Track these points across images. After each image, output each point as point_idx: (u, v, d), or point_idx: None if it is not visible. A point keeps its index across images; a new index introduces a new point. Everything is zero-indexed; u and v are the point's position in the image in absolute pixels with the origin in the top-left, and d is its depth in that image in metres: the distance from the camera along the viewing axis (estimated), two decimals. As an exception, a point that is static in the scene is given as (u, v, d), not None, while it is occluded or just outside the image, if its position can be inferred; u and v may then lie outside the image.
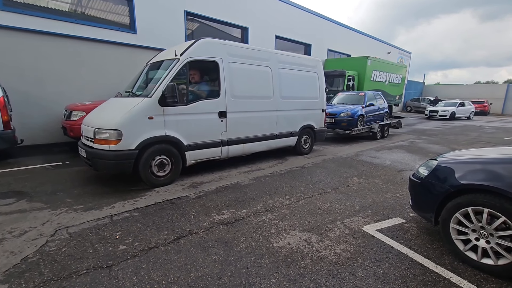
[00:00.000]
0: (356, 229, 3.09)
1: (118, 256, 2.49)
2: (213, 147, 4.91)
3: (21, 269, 2.28)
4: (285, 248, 2.68)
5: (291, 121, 6.39)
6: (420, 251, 2.66)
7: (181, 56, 4.51)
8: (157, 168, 4.34)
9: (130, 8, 9.11)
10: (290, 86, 6.24)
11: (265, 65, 5.71)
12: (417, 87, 32.12)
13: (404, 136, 10.75)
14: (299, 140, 6.72)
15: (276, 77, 5.91)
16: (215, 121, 4.89)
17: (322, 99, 7.15)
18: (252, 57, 5.49)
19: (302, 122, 6.70)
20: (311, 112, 6.91)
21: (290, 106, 6.28)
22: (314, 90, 6.95)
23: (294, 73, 6.38)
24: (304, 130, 6.81)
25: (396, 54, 24.66)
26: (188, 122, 4.55)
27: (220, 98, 4.93)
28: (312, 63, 6.96)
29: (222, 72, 4.93)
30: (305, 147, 7.00)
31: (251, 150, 5.64)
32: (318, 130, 7.20)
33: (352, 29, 19.35)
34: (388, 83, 16.06)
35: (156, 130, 4.21)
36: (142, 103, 4.14)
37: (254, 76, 5.53)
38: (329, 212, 3.54)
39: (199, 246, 2.68)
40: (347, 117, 8.89)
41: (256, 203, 3.77)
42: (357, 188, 4.52)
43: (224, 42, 5.08)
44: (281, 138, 6.21)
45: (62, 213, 3.36)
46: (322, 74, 7.19)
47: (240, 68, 5.23)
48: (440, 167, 2.70)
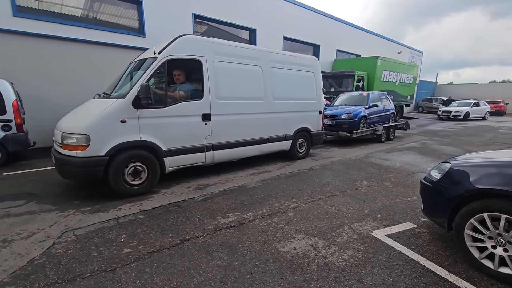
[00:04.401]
0: (364, 234, 2.99)
1: (122, 259, 2.48)
2: (196, 153, 4.58)
3: (27, 271, 2.29)
4: (291, 253, 2.61)
5: (284, 124, 6.04)
6: (433, 258, 2.55)
7: (159, 54, 4.20)
8: (131, 176, 3.99)
9: (139, 12, 9.23)
10: (283, 86, 5.90)
11: (255, 64, 5.38)
12: (429, 87, 31.40)
13: (416, 137, 10.48)
14: (293, 144, 6.33)
15: (267, 77, 5.58)
16: (198, 125, 4.56)
17: (319, 100, 6.78)
18: (241, 55, 5.14)
19: (297, 124, 6.32)
20: (307, 114, 6.52)
21: (283, 107, 5.93)
22: (311, 90, 6.58)
23: (289, 73, 6.03)
24: (300, 133, 6.42)
25: (407, 53, 24.18)
26: (167, 125, 4.23)
27: (204, 99, 4.60)
28: (308, 62, 6.56)
29: (206, 72, 4.60)
30: (301, 152, 6.60)
31: (240, 155, 5.32)
32: (315, 133, 6.79)
33: (362, 28, 19.08)
34: (398, 83, 15.74)
35: (130, 135, 3.89)
36: (113, 105, 3.84)
37: (243, 76, 5.20)
38: (337, 216, 3.45)
39: (203, 250, 2.64)
40: (348, 118, 8.53)
41: (262, 206, 3.72)
42: (366, 191, 4.40)
43: (209, 39, 4.76)
44: (274, 142, 5.86)
45: (70, 215, 3.39)
46: (319, 74, 6.79)
47: (226, 67, 4.90)
48: (454, 170, 2.58)
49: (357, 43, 18.49)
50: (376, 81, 13.80)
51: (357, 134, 8.50)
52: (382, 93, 10.54)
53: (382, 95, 10.33)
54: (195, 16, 10.46)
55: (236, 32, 12.35)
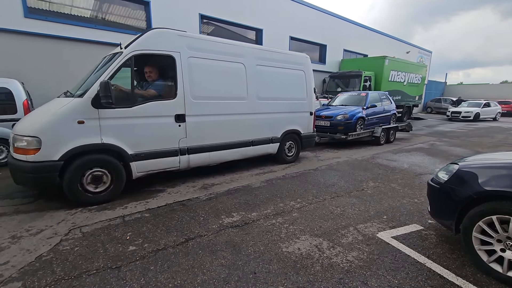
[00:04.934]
0: (370, 236, 2.96)
1: (128, 257, 2.50)
2: (167, 157, 4.23)
3: (35, 267, 2.34)
4: (295, 253, 2.60)
5: (271, 126, 5.64)
6: (439, 260, 2.50)
7: (125, 49, 3.87)
8: (91, 183, 3.66)
9: (147, 13, 9.33)
10: (270, 85, 5.52)
11: (238, 61, 4.99)
12: (438, 87, 30.90)
13: (424, 138, 10.33)
14: (281, 147, 5.92)
15: (252, 75, 5.19)
16: (170, 126, 4.20)
17: (310, 101, 6.33)
18: (220, 51, 4.76)
19: (285, 126, 5.91)
20: (296, 115, 6.11)
21: (269, 108, 5.54)
22: (301, 90, 6.16)
23: (276, 71, 5.63)
24: (288, 135, 6.02)
25: (416, 53, 23.86)
26: (134, 127, 3.87)
27: (177, 99, 4.23)
28: (298, 60, 6.14)
29: (179, 69, 4.23)
30: (290, 155, 6.19)
31: (220, 159, 4.95)
32: (306, 135, 6.36)
33: (369, 28, 18.90)
34: (407, 83, 15.53)
35: (89, 137, 3.54)
36: (69, 104, 3.48)
37: (223, 74, 4.80)
38: (342, 217, 3.42)
39: (207, 249, 2.65)
40: (344, 120, 8.05)
41: (266, 206, 3.71)
42: (372, 192, 4.36)
43: (183, 33, 4.35)
44: (259, 145, 5.46)
45: (77, 212, 3.44)
46: (310, 73, 6.36)
47: (204, 64, 4.52)
48: (462, 172, 2.53)
49: (365, 43, 18.32)
50: (383, 81, 13.64)
51: (353, 136, 8.06)
52: (382, 93, 10.11)
53: (382, 95, 9.88)
54: (201, 16, 10.52)
55: (242, 32, 12.38)
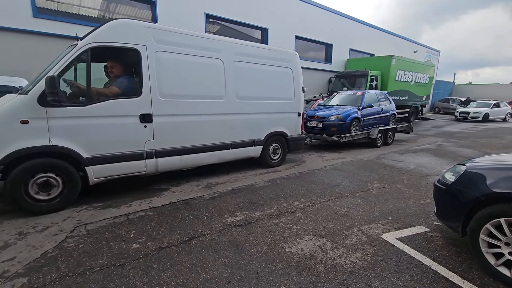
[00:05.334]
0: (374, 237, 2.92)
1: (131, 255, 2.52)
2: (131, 160, 3.85)
3: (40, 264, 2.37)
4: (298, 254, 2.59)
5: (252, 127, 5.23)
6: (445, 263, 2.46)
7: (80, 41, 3.55)
8: (39, 190, 3.31)
9: (153, 12, 9.39)
10: (251, 84, 5.11)
11: (214, 56, 4.58)
12: (446, 87, 30.44)
13: (431, 139, 10.18)
14: (265, 150, 5.52)
15: (230, 72, 4.78)
16: (134, 127, 3.82)
17: (298, 101, 5.91)
18: (194, 46, 4.35)
19: (270, 128, 5.50)
20: (282, 116, 5.70)
21: (251, 108, 5.13)
22: (287, 89, 5.73)
23: (259, 68, 5.21)
24: (273, 138, 5.61)
25: (424, 52, 23.53)
26: (90, 128, 3.51)
27: (142, 97, 3.86)
28: (285, 57, 5.72)
29: (145, 64, 3.86)
30: (275, 159, 5.78)
31: (194, 163, 4.57)
32: (293, 138, 5.93)
33: (376, 27, 18.70)
34: (414, 83, 15.33)
35: (35, 139, 3.18)
36: (11, 102, 3.14)
37: (197, 70, 4.39)
38: (346, 218, 3.39)
39: (210, 248, 2.65)
40: (337, 120, 7.64)
41: (270, 206, 3.70)
42: (377, 193, 4.31)
43: (150, 25, 4.00)
44: (239, 148, 5.06)
45: (82, 210, 3.48)
46: (298, 71, 5.93)
47: (174, 59, 4.15)
48: (469, 173, 2.48)
49: (371, 42, 18.14)
50: (390, 81, 13.48)
51: (347, 138, 7.68)
52: (381, 93, 9.68)
53: (380, 95, 9.47)
54: (207, 15, 10.54)
55: (248, 32, 12.37)
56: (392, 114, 9.58)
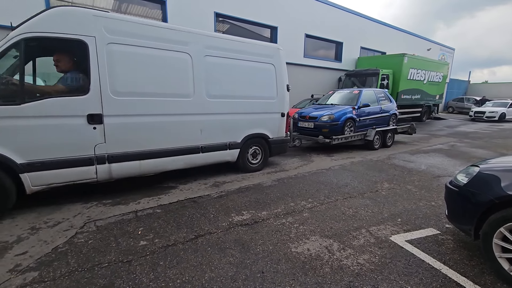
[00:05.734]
0: (382, 239, 2.87)
1: (138, 252, 2.56)
2: (78, 166, 3.47)
3: (51, 258, 2.43)
4: (304, 254, 2.57)
5: (227, 129, 4.77)
6: (456, 267, 2.39)
7: (13, 31, 3.18)
8: None
9: (163, 12, 9.48)
10: (226, 81, 4.66)
11: (180, 50, 4.14)
12: (461, 86, 29.61)
13: (444, 139, 9.93)
14: (243, 154, 5.07)
15: (200, 68, 4.32)
16: (80, 129, 3.43)
17: (281, 100, 5.40)
18: (155, 37, 3.91)
19: (248, 130, 5.03)
20: (263, 117, 5.21)
21: (225, 108, 4.68)
22: (269, 87, 5.23)
23: (235, 63, 4.74)
24: (252, 140, 5.15)
25: (437, 50, 22.95)
26: (24, 129, 3.14)
27: (90, 95, 3.45)
28: (267, 52, 5.17)
29: (94, 57, 3.44)
30: (254, 163, 5.32)
31: (157, 168, 4.17)
32: (276, 140, 5.44)
33: (387, 25, 18.34)
34: (427, 81, 14.98)
35: None
36: None
37: (158, 66, 3.97)
38: (354, 219, 3.34)
39: (216, 247, 2.66)
40: (329, 121, 7.13)
41: (277, 205, 3.68)
42: (386, 193, 4.23)
43: (101, 13, 3.55)
44: (211, 152, 4.62)
45: (92, 206, 3.55)
46: (282, 67, 5.40)
47: (131, 52, 3.73)
48: (483, 175, 2.40)
49: (383, 40, 17.81)
50: (402, 80, 13.21)
51: (339, 140, 7.13)
52: (380, 91, 9.10)
53: (380, 94, 8.87)
54: (217, 14, 10.56)
55: (257, 30, 12.34)
56: (393, 114, 8.99)
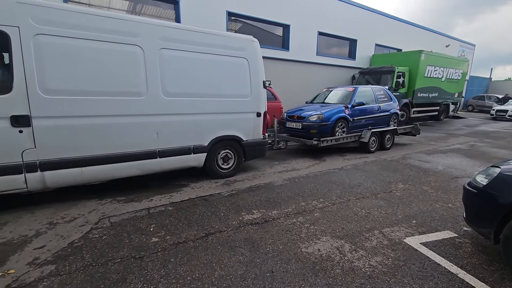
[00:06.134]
0: (396, 240, 2.80)
1: (150, 248, 2.60)
2: (2, 175, 3.09)
3: (67, 253, 2.52)
4: (314, 254, 2.54)
5: (190, 131, 4.29)
6: (474, 272, 2.30)
7: None
8: None
9: (176, 12, 9.59)
10: (187, 77, 4.17)
11: (128, 42, 3.68)
12: (482, 84, 28.43)
13: (463, 139, 9.57)
14: (211, 158, 4.57)
15: (154, 62, 3.85)
16: (2, 132, 3.05)
17: (256, 98, 4.85)
18: (96, 28, 3.44)
19: (216, 131, 4.53)
20: (234, 117, 4.70)
21: (187, 108, 4.19)
22: (241, 84, 4.71)
23: (199, 57, 4.23)
24: (222, 143, 4.66)
25: (457, 47, 22.12)
26: None
27: (14, 93, 3.06)
28: (238, 44, 4.64)
29: (17, 50, 3.05)
30: (225, 168, 4.82)
31: (103, 175, 3.74)
32: (251, 143, 4.91)
33: (404, 21, 17.83)
34: (445, 79, 14.47)
35: None
36: None
37: (100, 60, 3.50)
38: (367, 219, 3.27)
39: (226, 245, 2.67)
40: (318, 121, 6.54)
41: (287, 205, 3.66)
42: (401, 194, 4.12)
43: (26, 0, 3.09)
44: (171, 157, 4.14)
45: (107, 203, 3.65)
46: (257, 61, 4.84)
47: (63, 44, 3.28)
48: (504, 176, 2.30)
49: (398, 37, 17.33)
50: (418, 77, 12.83)
51: (329, 142, 6.44)
52: (380, 89, 8.45)
53: (379, 91, 8.21)
54: (229, 13, 10.59)
55: (270, 29, 12.29)
56: (394, 114, 8.32)
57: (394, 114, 8.34)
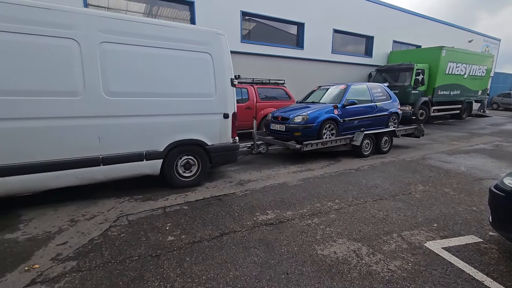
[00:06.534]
0: (416, 244, 2.70)
1: (166, 247, 2.65)
2: None
3: (87, 249, 2.60)
4: (330, 257, 2.49)
5: (142, 135, 3.84)
6: (501, 280, 2.18)
7: None
8: None
9: (191, 13, 9.71)
10: (136, 75, 3.72)
11: (61, 35, 3.25)
12: (507, 80, 27.04)
13: (487, 138, 9.13)
14: (169, 165, 4.11)
15: (93, 58, 3.42)
16: None
17: (222, 98, 4.35)
18: (20, 19, 3.04)
19: (174, 135, 4.07)
20: (196, 119, 4.23)
21: (136, 109, 3.74)
22: (203, 82, 4.22)
23: (150, 52, 3.78)
24: (181, 148, 4.18)
25: (480, 42, 21.15)
26: None
27: None
28: (199, 38, 4.15)
29: None
30: (187, 176, 4.32)
31: (34, 186, 3.33)
32: (218, 147, 4.41)
33: (423, 16, 17.22)
34: (467, 76, 13.87)
35: None
36: None
37: (25, 55, 3.10)
38: (385, 222, 3.18)
39: (240, 245, 2.67)
40: (302, 123, 5.97)
41: (302, 205, 3.62)
42: (421, 196, 3.98)
43: None
44: (117, 164, 3.71)
45: (125, 201, 3.74)
46: (224, 57, 4.34)
47: None
48: (535, 179, 2.16)
49: (418, 33, 16.76)
50: (439, 75, 12.36)
51: (314, 146, 5.78)
52: (377, 86, 7.73)
53: (375, 89, 7.50)
54: (243, 13, 10.60)
55: (284, 28, 12.22)
56: (393, 114, 7.60)
57: (394, 114, 7.64)
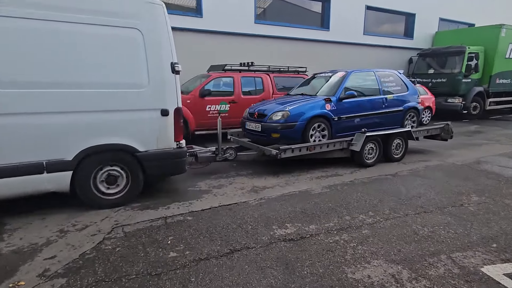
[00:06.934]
0: (471, 269, 2.60)
1: (168, 264, 2.67)
2: None
3: (78, 265, 2.66)
4: (364, 282, 2.44)
5: (38, 139, 3.37)
6: None
7: None
8: None
9: None
10: (29, 58, 3.25)
11: None
12: None
13: (559, 138, 8.71)
14: (83, 180, 3.63)
15: None
16: None
17: (159, 89, 3.88)
18: None
19: (89, 139, 3.58)
20: (121, 118, 3.75)
21: (28, 104, 3.28)
22: (131, 68, 3.76)
23: (49, 28, 3.26)
24: (101, 156, 3.73)
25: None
26: None
27: None
28: (122, 9, 3.65)
29: None
30: (111, 193, 3.87)
31: None
32: (154, 154, 3.94)
33: (478, -12, 16.65)
34: (534, 60, 13.31)
35: None
36: None
37: None
38: (430, 240, 3.09)
39: (254, 264, 2.66)
40: (282, 121, 5.40)
41: (328, 218, 3.58)
42: (475, 209, 3.84)
43: None
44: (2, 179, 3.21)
45: (120, 210, 3.81)
46: (160, 33, 3.83)
47: None
48: None
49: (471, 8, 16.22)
50: (497, 59, 11.96)
51: (294, 152, 5.16)
52: (388, 74, 6.83)
53: (386, 77, 6.68)
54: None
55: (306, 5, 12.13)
56: (411, 109, 6.80)
57: (412, 109, 6.83)
